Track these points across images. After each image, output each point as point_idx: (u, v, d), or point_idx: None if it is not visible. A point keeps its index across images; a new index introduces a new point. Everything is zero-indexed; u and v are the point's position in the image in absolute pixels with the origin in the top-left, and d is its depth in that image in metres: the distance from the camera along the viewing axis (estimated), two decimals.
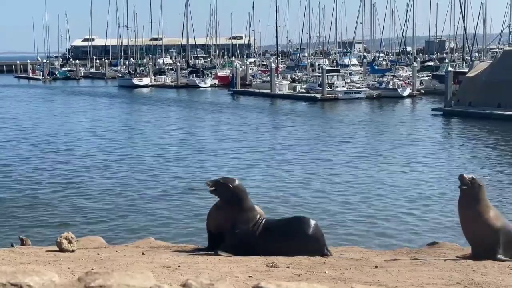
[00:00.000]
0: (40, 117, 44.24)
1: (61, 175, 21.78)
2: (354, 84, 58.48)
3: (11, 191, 19.18)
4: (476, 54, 74.53)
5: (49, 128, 36.73)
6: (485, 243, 7.09)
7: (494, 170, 22.58)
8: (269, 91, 59.72)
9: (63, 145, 29.54)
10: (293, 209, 16.53)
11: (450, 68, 47.47)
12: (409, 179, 20.82)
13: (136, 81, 76.88)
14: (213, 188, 7.34)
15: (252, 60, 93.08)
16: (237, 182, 7.50)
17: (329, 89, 54.85)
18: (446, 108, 41.65)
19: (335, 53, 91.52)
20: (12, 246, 9.80)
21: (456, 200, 16.51)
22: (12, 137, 32.33)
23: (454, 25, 79.39)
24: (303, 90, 58.79)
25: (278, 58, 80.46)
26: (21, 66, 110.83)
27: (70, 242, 7.00)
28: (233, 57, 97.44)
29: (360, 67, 75.89)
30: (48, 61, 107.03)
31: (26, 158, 25.64)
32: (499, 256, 6.99)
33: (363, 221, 15.47)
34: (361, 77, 65.14)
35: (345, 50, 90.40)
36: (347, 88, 55.74)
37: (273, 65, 64.48)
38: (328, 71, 57.92)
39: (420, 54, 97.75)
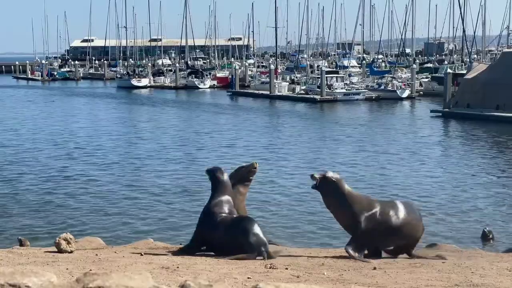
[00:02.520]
0: (39, 118, 44.21)
1: (59, 176, 21.76)
2: (353, 85, 58.50)
3: (10, 191, 19.17)
4: (475, 55, 74.57)
5: (48, 129, 36.71)
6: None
7: (492, 172, 22.58)
8: (268, 92, 59.74)
9: (62, 146, 29.53)
10: (291, 210, 16.54)
11: (449, 70, 47.51)
12: (408, 180, 20.82)
13: (135, 82, 76.86)
14: None
15: (251, 61, 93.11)
16: (211, 168, 7.71)
17: (328, 90, 54.85)
18: (444, 109, 41.67)
19: (334, 55, 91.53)
20: (20, 242, 9.77)
21: (454, 201, 16.47)
22: (11, 138, 32.32)
23: (453, 27, 79.52)
24: (302, 92, 58.79)
25: (277, 59, 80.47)
26: (20, 66, 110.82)
27: (68, 243, 6.99)
28: (232, 58, 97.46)
29: (359, 68, 75.90)
30: (47, 62, 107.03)
31: (25, 159, 25.62)
32: (347, 247, 7.06)
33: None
34: (360, 79, 65.16)
35: (344, 51, 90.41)
36: (346, 90, 55.75)
37: (272, 66, 64.50)
38: (327, 72, 57.88)
39: (419, 55, 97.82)
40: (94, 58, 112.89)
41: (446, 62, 71.89)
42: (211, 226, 7.24)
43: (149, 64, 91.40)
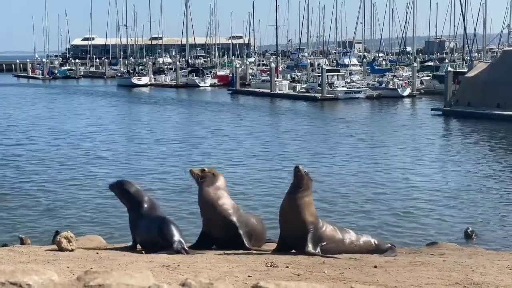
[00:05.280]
0: (39, 116, 44.21)
1: (60, 174, 21.77)
2: (354, 84, 58.43)
3: (11, 190, 19.18)
4: (476, 54, 74.47)
5: (48, 128, 36.71)
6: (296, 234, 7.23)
7: (492, 170, 22.58)
8: (269, 90, 59.73)
9: (62, 144, 29.54)
10: None
11: (450, 68, 47.45)
12: (408, 179, 20.82)
13: (135, 80, 76.83)
14: None
15: (251, 59, 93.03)
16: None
17: (329, 88, 54.82)
18: (445, 108, 41.65)
19: (335, 53, 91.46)
20: (21, 240, 9.86)
21: (454, 200, 16.40)
22: (11, 137, 32.33)
23: (454, 25, 79.53)
24: (303, 90, 58.77)
25: (278, 57, 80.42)
26: (21, 65, 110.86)
27: (69, 241, 6.99)
28: (233, 56, 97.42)
29: (360, 67, 75.85)
30: (47, 60, 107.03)
31: (25, 157, 25.63)
32: (308, 249, 7.05)
33: (361, 221, 15.47)
34: (361, 77, 65.12)
35: (345, 50, 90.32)
36: (347, 88, 55.71)
37: (273, 65, 64.45)
38: (328, 70, 57.85)
39: (420, 54, 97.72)
40: (94, 56, 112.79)
41: (447, 61, 71.79)
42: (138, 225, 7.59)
43: (150, 63, 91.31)
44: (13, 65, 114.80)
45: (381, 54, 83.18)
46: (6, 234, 14.16)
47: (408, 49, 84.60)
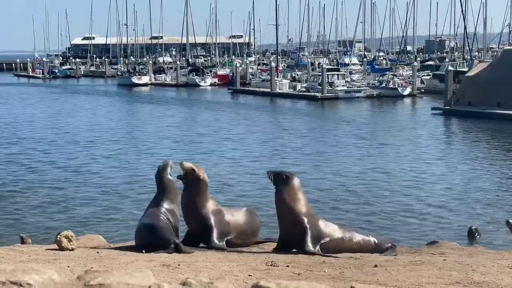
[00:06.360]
0: (40, 115, 44.22)
1: (61, 173, 21.78)
2: (354, 83, 58.43)
3: (11, 189, 19.18)
4: (476, 53, 74.41)
5: (48, 127, 36.72)
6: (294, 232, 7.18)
7: (493, 169, 22.58)
8: (269, 90, 59.72)
9: (62, 144, 29.55)
10: None
11: (450, 68, 47.44)
12: (409, 178, 20.83)
13: (135, 79, 76.83)
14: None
15: (252, 59, 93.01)
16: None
17: (329, 88, 54.82)
18: (446, 107, 41.65)
19: (335, 52, 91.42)
20: (21, 239, 9.87)
21: (454, 198, 16.41)
22: (12, 136, 32.34)
23: (454, 25, 79.51)
24: (303, 89, 58.76)
25: (278, 57, 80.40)
26: (21, 64, 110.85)
27: (69, 240, 6.99)
28: (233, 56, 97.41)
29: (360, 66, 75.83)
30: (48, 60, 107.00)
31: (25, 157, 25.63)
32: (308, 248, 7.02)
33: (362, 220, 15.48)
34: (361, 76, 65.09)
35: (345, 49, 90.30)
36: (347, 87, 55.71)
37: (273, 64, 64.44)
38: (328, 70, 57.84)
39: (420, 53, 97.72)
40: (95, 55, 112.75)
41: (447, 60, 71.76)
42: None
43: (150, 62, 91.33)
44: (13, 64, 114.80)
45: (381, 53, 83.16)
46: (6, 233, 14.16)
47: (409, 48, 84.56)
